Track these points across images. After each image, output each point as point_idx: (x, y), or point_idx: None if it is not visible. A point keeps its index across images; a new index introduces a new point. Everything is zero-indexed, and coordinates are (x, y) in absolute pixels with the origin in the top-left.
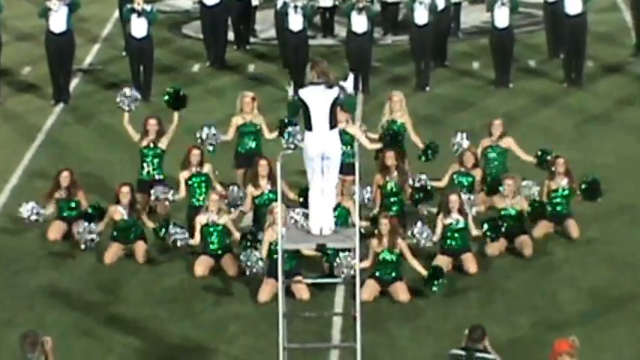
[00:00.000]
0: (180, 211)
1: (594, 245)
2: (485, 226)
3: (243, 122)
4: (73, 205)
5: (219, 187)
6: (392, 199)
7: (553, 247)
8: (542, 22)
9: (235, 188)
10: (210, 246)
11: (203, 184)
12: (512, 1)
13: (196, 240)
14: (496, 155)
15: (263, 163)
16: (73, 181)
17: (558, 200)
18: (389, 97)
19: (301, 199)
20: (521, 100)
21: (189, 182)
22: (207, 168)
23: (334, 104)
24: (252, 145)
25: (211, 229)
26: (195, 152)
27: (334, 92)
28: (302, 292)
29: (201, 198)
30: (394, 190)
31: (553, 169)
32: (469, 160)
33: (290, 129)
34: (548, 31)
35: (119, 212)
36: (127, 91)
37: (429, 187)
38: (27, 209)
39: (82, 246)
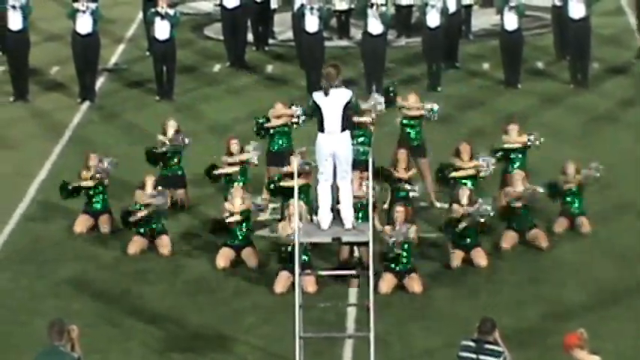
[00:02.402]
0: (214, 202)
1: (600, 241)
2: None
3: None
4: (100, 189)
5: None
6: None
7: (560, 241)
8: (550, 26)
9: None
10: (234, 237)
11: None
12: (519, 7)
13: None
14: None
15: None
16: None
17: (571, 200)
18: (404, 98)
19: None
20: (529, 99)
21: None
22: (245, 156)
23: (346, 107)
24: (284, 144)
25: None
26: (234, 142)
27: (347, 96)
28: (309, 285)
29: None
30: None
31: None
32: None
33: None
34: (555, 34)
35: (146, 196)
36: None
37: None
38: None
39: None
